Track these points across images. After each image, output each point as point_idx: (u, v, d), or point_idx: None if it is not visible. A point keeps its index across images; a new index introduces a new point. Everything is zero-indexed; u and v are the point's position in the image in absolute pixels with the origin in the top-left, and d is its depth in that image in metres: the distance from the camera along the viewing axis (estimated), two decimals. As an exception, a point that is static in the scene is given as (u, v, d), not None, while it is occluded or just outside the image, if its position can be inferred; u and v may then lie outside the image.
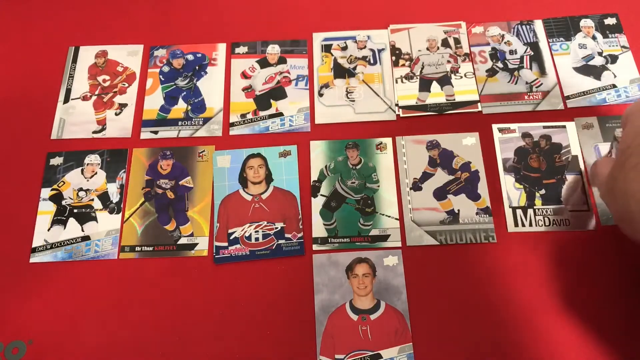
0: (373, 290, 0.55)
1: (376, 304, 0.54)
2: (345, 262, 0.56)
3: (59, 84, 0.68)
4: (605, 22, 0.70)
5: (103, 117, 0.66)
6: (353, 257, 0.56)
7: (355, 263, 0.56)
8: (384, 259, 0.56)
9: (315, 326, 0.53)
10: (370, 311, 0.54)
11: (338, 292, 0.55)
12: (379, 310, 0.54)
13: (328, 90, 0.67)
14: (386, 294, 0.55)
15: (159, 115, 0.66)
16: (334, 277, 0.55)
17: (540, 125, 0.63)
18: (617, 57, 0.68)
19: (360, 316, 0.54)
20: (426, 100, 0.66)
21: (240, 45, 0.70)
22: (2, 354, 0.54)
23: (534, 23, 0.70)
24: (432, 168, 0.62)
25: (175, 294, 0.56)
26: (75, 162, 0.63)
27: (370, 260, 0.56)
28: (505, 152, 0.62)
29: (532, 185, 0.60)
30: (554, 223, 0.58)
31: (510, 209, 0.59)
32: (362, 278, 0.55)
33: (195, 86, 0.68)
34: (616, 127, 0.63)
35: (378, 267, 0.56)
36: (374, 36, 0.70)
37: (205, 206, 0.61)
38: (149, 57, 0.70)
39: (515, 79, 0.67)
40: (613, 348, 0.52)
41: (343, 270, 0.56)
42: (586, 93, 0.65)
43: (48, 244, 0.59)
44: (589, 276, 0.55)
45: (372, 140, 0.63)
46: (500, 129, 0.63)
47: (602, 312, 0.53)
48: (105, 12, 0.73)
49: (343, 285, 0.55)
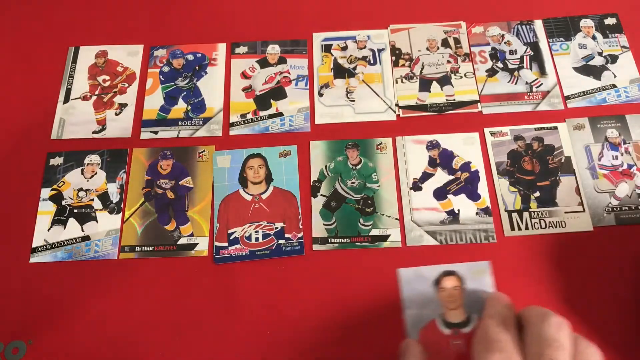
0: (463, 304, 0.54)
1: (468, 318, 0.53)
2: (432, 275, 0.56)
3: (59, 84, 0.68)
4: (605, 22, 0.70)
5: (103, 117, 0.66)
6: (440, 270, 0.55)
7: (443, 276, 0.56)
8: (472, 271, 0.55)
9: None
10: (461, 325, 0.53)
11: (428, 306, 0.54)
12: (470, 323, 0.53)
13: (328, 90, 0.67)
14: (477, 307, 0.54)
15: (159, 115, 0.66)
16: (422, 291, 0.54)
17: (532, 127, 0.63)
18: (617, 57, 0.68)
19: (452, 330, 0.53)
20: (426, 100, 0.66)
21: (240, 45, 0.70)
22: (2, 354, 0.54)
23: (534, 23, 0.70)
24: (432, 168, 0.62)
25: (175, 294, 0.56)
26: (75, 162, 0.63)
27: (458, 272, 0.56)
28: (498, 156, 0.62)
29: (526, 188, 0.60)
30: (550, 225, 0.58)
31: (506, 213, 0.59)
32: (451, 291, 0.55)
33: (195, 86, 0.68)
34: (607, 128, 0.63)
35: (467, 280, 0.55)
36: (374, 36, 0.70)
37: (205, 206, 0.61)
38: (149, 57, 0.70)
39: (515, 79, 0.67)
40: (612, 348, 0.52)
41: (431, 284, 0.55)
42: (586, 93, 0.65)
43: (48, 244, 0.59)
44: (587, 277, 0.55)
45: (372, 140, 0.63)
46: (492, 132, 0.63)
47: (602, 312, 0.53)
48: (105, 12, 0.73)
49: (432, 299, 0.54)
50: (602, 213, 0.58)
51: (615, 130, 0.63)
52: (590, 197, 0.59)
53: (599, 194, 0.59)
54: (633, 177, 0.60)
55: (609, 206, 0.59)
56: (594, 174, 0.61)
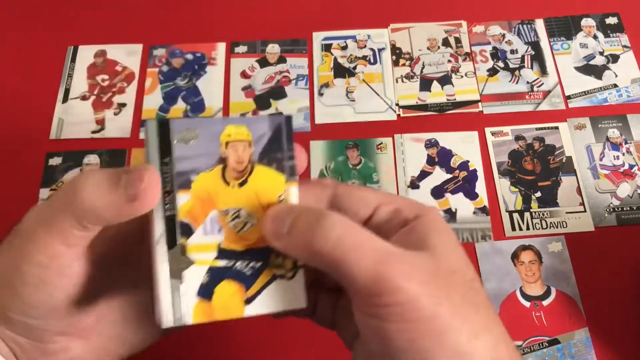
0: (542, 277, 0.55)
1: (547, 290, 0.54)
2: (509, 249, 0.56)
3: (57, 83, 0.68)
4: (606, 22, 0.70)
5: (102, 117, 0.66)
6: (516, 244, 0.56)
7: (520, 250, 0.57)
8: (547, 245, 0.56)
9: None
10: (541, 297, 0.54)
11: (506, 279, 0.54)
12: (550, 296, 0.54)
13: (328, 90, 0.67)
14: (554, 279, 0.54)
15: (158, 115, 0.66)
16: (500, 265, 0.55)
17: (533, 127, 0.63)
18: (618, 56, 0.67)
19: (532, 302, 0.54)
20: (427, 100, 0.65)
21: (240, 45, 0.70)
22: (0, 355, 0.53)
23: (535, 22, 0.70)
24: (430, 166, 0.62)
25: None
26: (74, 162, 0.63)
27: (534, 247, 0.57)
28: (499, 156, 0.62)
29: (527, 188, 0.60)
30: (551, 225, 0.58)
31: (507, 213, 0.59)
32: (528, 265, 0.56)
33: (195, 86, 0.68)
34: (609, 128, 0.63)
35: (543, 254, 0.56)
36: (374, 35, 0.70)
37: (204, 206, 0.60)
38: (148, 57, 0.69)
39: (516, 78, 0.66)
40: (613, 348, 0.52)
41: (509, 258, 0.56)
42: (587, 93, 0.65)
43: (47, 245, 0.59)
44: (588, 277, 0.55)
45: (372, 140, 0.63)
46: (493, 132, 0.63)
47: (602, 312, 0.53)
48: (104, 12, 0.73)
49: (510, 272, 0.55)
50: (604, 213, 0.58)
51: (617, 130, 0.62)
52: (591, 197, 0.59)
53: (600, 194, 0.59)
54: (634, 177, 0.60)
55: (610, 206, 0.58)
56: (595, 174, 0.60)
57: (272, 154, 0.28)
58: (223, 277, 0.28)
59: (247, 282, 0.28)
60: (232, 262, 0.28)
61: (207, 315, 0.27)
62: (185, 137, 0.27)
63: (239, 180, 0.28)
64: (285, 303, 0.29)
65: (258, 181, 0.28)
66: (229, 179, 0.28)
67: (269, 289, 0.28)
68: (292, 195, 0.29)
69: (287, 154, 0.28)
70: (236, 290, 0.28)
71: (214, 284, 0.28)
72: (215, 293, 0.28)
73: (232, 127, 0.28)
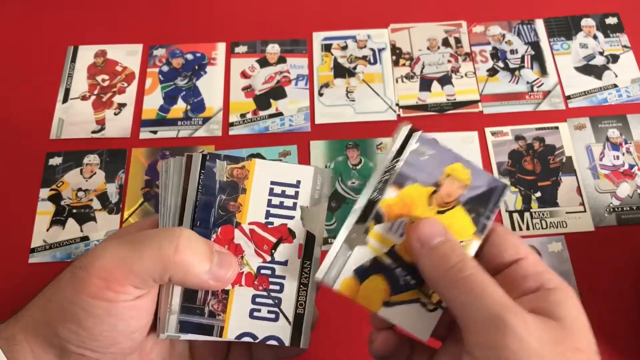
0: None
1: None
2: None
3: (57, 83, 0.68)
4: (606, 22, 0.70)
5: (102, 117, 0.66)
6: None
7: None
8: (547, 245, 0.56)
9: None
10: None
11: None
12: None
13: (328, 90, 0.67)
14: None
15: (158, 115, 0.66)
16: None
17: (533, 127, 0.63)
18: (618, 56, 0.67)
19: None
20: (427, 100, 0.65)
21: (240, 45, 0.70)
22: (1, 355, 0.53)
23: (535, 22, 0.70)
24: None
25: (174, 294, 0.56)
26: (74, 162, 0.63)
27: (534, 247, 0.56)
28: (499, 156, 0.62)
29: (527, 188, 0.60)
30: (551, 225, 0.58)
31: (507, 214, 0.59)
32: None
33: (195, 86, 0.68)
34: (609, 128, 0.63)
35: (543, 254, 0.56)
36: (374, 35, 0.70)
37: (204, 206, 0.60)
38: (148, 57, 0.69)
39: (516, 78, 0.66)
40: (614, 349, 0.52)
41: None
42: (587, 93, 0.65)
43: (47, 244, 0.59)
44: (588, 277, 0.55)
45: (372, 140, 0.63)
46: (493, 132, 0.63)
47: (603, 312, 0.53)
48: (104, 12, 0.73)
49: None
50: (604, 213, 0.58)
51: (617, 130, 0.63)
52: (591, 197, 0.59)
53: (600, 194, 0.59)
54: (634, 177, 0.60)
55: (610, 206, 0.58)
56: (595, 174, 0.60)
57: (476, 205, 0.32)
58: (381, 271, 0.31)
59: (395, 289, 0.32)
60: (395, 265, 0.31)
61: (351, 292, 0.31)
62: (419, 151, 0.32)
63: (441, 208, 0.32)
64: (412, 327, 0.31)
65: (453, 218, 0.31)
66: (433, 202, 0.32)
67: (408, 307, 0.31)
68: (472, 246, 0.31)
69: (487, 213, 0.32)
70: (384, 289, 0.31)
71: (372, 272, 0.31)
72: (367, 279, 0.31)
73: (460, 165, 0.32)
